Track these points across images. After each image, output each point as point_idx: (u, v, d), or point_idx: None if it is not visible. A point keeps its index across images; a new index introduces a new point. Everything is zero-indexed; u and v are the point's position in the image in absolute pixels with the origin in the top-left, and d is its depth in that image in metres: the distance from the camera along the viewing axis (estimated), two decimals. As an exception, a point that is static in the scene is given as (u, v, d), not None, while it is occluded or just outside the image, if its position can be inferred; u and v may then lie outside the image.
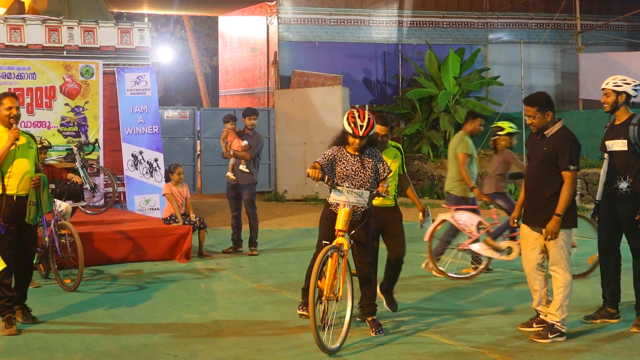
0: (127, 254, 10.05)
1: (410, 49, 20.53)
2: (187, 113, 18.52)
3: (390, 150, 6.94)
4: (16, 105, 6.74)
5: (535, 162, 6.28)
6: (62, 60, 12.96)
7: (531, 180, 6.33)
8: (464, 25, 21.31)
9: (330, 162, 6.24)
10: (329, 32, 20.11)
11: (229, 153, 10.67)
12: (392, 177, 6.72)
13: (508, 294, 8.07)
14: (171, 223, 10.38)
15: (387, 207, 6.82)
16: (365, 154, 6.29)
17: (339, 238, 6.04)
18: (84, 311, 7.43)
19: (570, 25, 20.65)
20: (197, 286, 8.68)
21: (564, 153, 6.09)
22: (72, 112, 12.93)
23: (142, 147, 13.17)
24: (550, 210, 6.10)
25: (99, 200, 12.49)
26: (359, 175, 6.22)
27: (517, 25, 21.64)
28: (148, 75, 13.39)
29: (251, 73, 21.00)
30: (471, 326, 6.73)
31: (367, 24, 20.44)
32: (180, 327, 6.83)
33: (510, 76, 19.97)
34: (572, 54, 20.76)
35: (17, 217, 6.68)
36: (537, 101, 6.21)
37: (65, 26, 13.03)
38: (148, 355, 5.94)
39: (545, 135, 6.22)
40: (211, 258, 10.41)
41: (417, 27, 20.85)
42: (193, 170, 18.13)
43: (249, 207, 10.69)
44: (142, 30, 13.54)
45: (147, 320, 7.11)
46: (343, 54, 20.11)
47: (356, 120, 6.11)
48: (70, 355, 6.02)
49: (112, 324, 6.94)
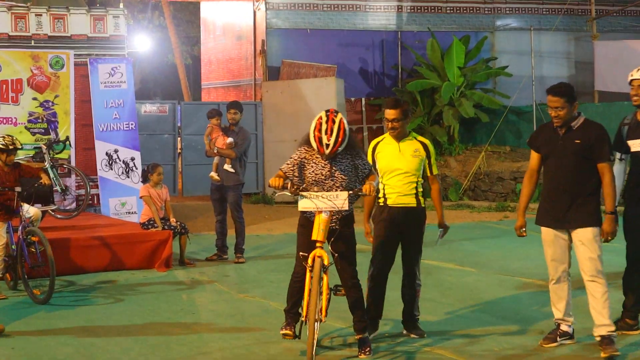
0: (102, 263, 10.06)
1: (410, 37, 20.56)
2: (166, 107, 18.53)
3: (411, 142, 6.63)
4: None
5: (567, 158, 6.11)
6: (30, 51, 12.97)
7: (564, 178, 6.13)
8: (469, 10, 21.36)
9: (297, 167, 6.05)
10: (321, 19, 20.13)
11: (213, 151, 10.68)
12: (413, 172, 6.52)
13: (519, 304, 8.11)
14: (149, 228, 10.39)
15: (407, 207, 6.56)
16: (336, 160, 6.03)
17: (316, 250, 5.81)
18: (55, 325, 7.43)
19: (585, 10, 20.74)
20: (178, 297, 8.69)
21: (601, 144, 6.03)
22: (40, 107, 12.93)
23: (118, 145, 13.20)
24: (590, 206, 6.06)
25: (71, 204, 12.51)
26: (329, 181, 6.00)
27: (526, 11, 21.70)
28: (124, 67, 13.41)
29: (237, 63, 21.01)
30: (482, 342, 6.76)
31: (363, 9, 20.46)
32: (161, 342, 6.82)
33: (520, 66, 20.04)
34: (587, 42, 20.84)
35: None
36: (566, 91, 6.13)
37: (33, 13, 13.04)
38: (125, 373, 5.97)
39: (571, 127, 6.12)
40: (194, 266, 10.41)
41: (418, 12, 20.89)
42: (173, 170, 18.15)
43: (234, 211, 10.71)
44: (117, 18, 13.54)
45: (124, 334, 7.10)
46: (337, 43, 20.14)
47: (322, 136, 5.82)
48: (40, 373, 6.05)
49: (86, 340, 6.94)
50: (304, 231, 6.09)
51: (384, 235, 6.58)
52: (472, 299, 8.29)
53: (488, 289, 8.77)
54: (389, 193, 6.58)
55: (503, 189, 17.40)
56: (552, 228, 6.24)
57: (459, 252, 11.07)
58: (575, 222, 6.08)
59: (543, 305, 7.85)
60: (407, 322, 6.79)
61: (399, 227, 6.56)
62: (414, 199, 6.57)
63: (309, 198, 5.86)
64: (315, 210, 5.86)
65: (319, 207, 5.83)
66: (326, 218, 5.82)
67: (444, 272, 9.70)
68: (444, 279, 9.29)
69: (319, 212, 5.84)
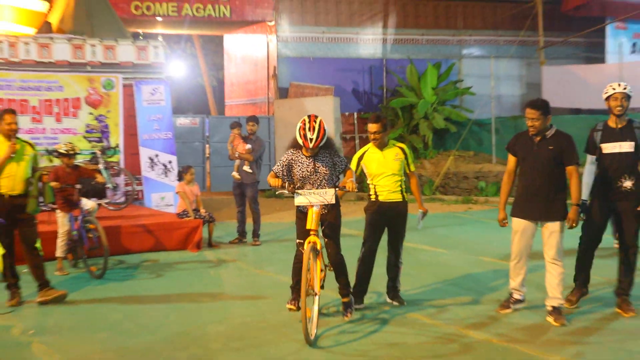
0: (146, 245, 10.07)
1: (393, 63, 20.54)
2: (197, 120, 18.54)
3: (392, 149, 6.58)
4: (15, 121, 7.01)
5: (541, 161, 6.03)
6: (86, 75, 12.95)
7: (539, 178, 6.04)
8: (441, 42, 21.33)
9: (286, 167, 6.03)
10: (322, 49, 20.12)
11: (235, 155, 10.68)
12: (397, 173, 6.48)
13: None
14: (184, 217, 10.39)
15: (394, 201, 6.53)
16: (317, 157, 6.01)
17: (311, 237, 5.77)
18: (108, 295, 7.47)
19: (534, 41, 20.70)
20: (207, 273, 8.71)
21: (570, 150, 5.99)
22: (95, 120, 12.92)
23: (158, 151, 13.18)
24: (558, 203, 6.02)
25: (120, 198, 12.51)
26: (314, 175, 5.98)
27: (487, 42, 21.67)
28: (162, 88, 13.40)
29: (253, 85, 20.99)
30: (450, 310, 6.75)
31: (355, 41, 20.45)
32: (193, 308, 6.85)
33: (481, 87, 20.03)
34: (536, 67, 20.79)
35: (10, 213, 6.94)
36: (542, 106, 6.05)
37: (89, 44, 13.01)
38: (165, 334, 5.98)
39: (545, 136, 6.05)
40: (219, 248, 10.42)
41: (399, 44, 20.86)
42: (203, 171, 18.15)
43: (252, 203, 10.71)
44: (156, 48, 13.52)
45: (163, 302, 7.13)
46: (334, 68, 20.12)
47: (306, 133, 5.82)
48: (96, 333, 6.06)
49: (132, 307, 6.98)
50: (299, 221, 6.07)
51: (375, 224, 6.58)
52: (443, 274, 8.29)
53: (456, 266, 8.77)
54: (380, 191, 6.57)
55: (468, 186, 17.37)
56: (524, 219, 6.15)
57: (432, 237, 11.07)
58: (546, 216, 6.04)
59: (500, 279, 7.85)
60: (391, 292, 6.80)
61: (388, 217, 6.56)
62: (400, 194, 6.57)
63: (304, 195, 5.85)
64: (309, 205, 5.84)
65: (311, 202, 5.81)
66: (317, 210, 5.82)
67: (420, 253, 9.70)
68: (420, 258, 9.30)
69: (311, 206, 5.83)
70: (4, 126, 6.94)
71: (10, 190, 6.97)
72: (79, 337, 5.94)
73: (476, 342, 5.63)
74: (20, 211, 7.04)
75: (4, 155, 6.91)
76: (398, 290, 6.81)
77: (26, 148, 7.14)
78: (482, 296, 7.14)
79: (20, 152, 7.03)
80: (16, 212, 7.01)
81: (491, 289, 7.47)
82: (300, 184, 6.02)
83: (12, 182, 6.97)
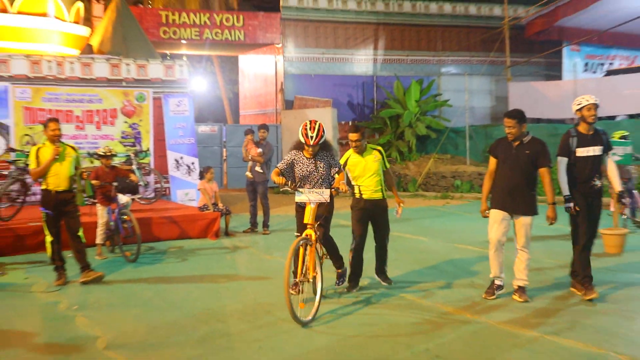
0: (172, 234, 10.08)
1: (382, 80, 20.52)
2: (215, 128, 18.52)
3: (370, 152, 6.50)
4: (59, 128, 7.07)
5: (518, 163, 5.92)
6: (122, 89, 12.96)
7: (517, 178, 5.93)
8: (423, 61, 21.30)
9: (289, 165, 5.93)
10: (322, 67, 20.09)
11: (248, 158, 10.67)
12: (376, 173, 6.44)
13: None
14: (204, 210, 10.39)
15: (376, 199, 6.49)
16: (318, 156, 5.92)
17: (307, 230, 5.67)
18: (140, 276, 7.47)
19: (502, 61, 20.68)
20: (224, 257, 8.70)
21: (544, 155, 5.91)
22: (129, 128, 12.93)
23: (182, 154, 13.18)
24: (531, 200, 5.93)
25: (150, 194, 12.51)
26: (313, 174, 5.90)
27: (462, 62, 21.64)
28: (186, 100, 13.39)
29: (264, 98, 20.97)
30: (435, 292, 6.72)
31: (350, 61, 20.42)
32: (212, 288, 6.85)
33: (457, 100, 20.03)
34: (503, 83, 20.78)
35: (57, 206, 6.99)
36: (517, 115, 5.96)
37: (124, 63, 13.01)
38: (189, 309, 5.97)
39: (522, 142, 5.95)
40: (234, 236, 10.41)
41: (387, 63, 20.83)
42: (220, 171, 18.13)
43: (263, 198, 10.70)
44: (181, 66, 13.52)
45: (187, 282, 7.13)
46: (332, 84, 20.10)
47: (307, 132, 5.74)
48: (129, 309, 6.06)
49: (161, 286, 6.97)
50: (298, 215, 6.01)
51: (360, 219, 6.52)
52: (424, 259, 8.29)
53: (435, 252, 8.77)
54: (363, 191, 6.52)
55: (445, 184, 17.35)
56: (503, 211, 6.02)
57: (415, 226, 11.07)
58: (521, 211, 5.96)
59: (474, 263, 7.85)
60: (379, 274, 6.79)
61: (371, 213, 6.52)
62: (380, 193, 6.54)
63: (304, 193, 5.77)
64: (307, 202, 5.77)
65: (310, 200, 5.73)
66: (314, 207, 5.73)
67: (404, 240, 9.70)
68: (404, 245, 9.29)
69: (309, 202, 5.76)
70: (49, 132, 6.98)
71: (56, 186, 6.99)
72: (115, 312, 5.94)
73: (460, 321, 5.59)
74: (65, 204, 7.04)
75: (49, 157, 6.93)
76: (386, 271, 6.79)
77: (69, 150, 7.14)
78: (458, 279, 7.11)
79: (63, 154, 7.04)
80: (62, 206, 7.03)
81: (467, 272, 7.46)
82: (300, 182, 5.94)
83: (58, 180, 6.99)
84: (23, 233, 8.90)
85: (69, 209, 7.07)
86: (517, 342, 4.96)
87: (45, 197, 7.02)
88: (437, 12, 21.24)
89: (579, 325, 5.34)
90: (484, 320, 5.51)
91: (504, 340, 5.01)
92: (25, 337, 5.28)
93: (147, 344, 5.04)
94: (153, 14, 18.88)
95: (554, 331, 5.17)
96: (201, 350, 4.85)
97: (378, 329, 5.30)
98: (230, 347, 4.92)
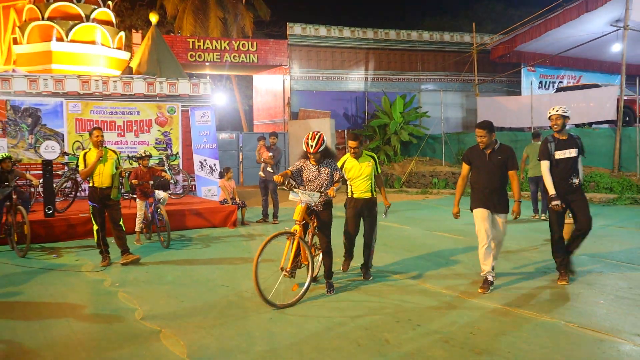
0: (198, 223, 10.04)
1: (372, 95, 20.44)
2: (233, 135, 18.44)
3: (365, 157, 6.22)
4: (101, 134, 7.09)
5: (491, 168, 5.65)
6: (156, 103, 12.93)
7: (495, 182, 5.64)
8: (406, 79, 21.23)
9: (298, 170, 5.71)
10: (322, 84, 20.03)
11: (260, 160, 10.62)
12: (368, 177, 6.21)
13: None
14: (224, 204, 10.35)
15: (366, 198, 6.23)
16: (322, 164, 5.60)
17: (295, 226, 5.38)
18: (171, 259, 7.43)
19: (471, 80, 20.63)
20: (240, 243, 8.66)
21: (513, 159, 5.66)
22: (162, 135, 12.90)
23: (206, 157, 13.13)
24: (505, 199, 5.69)
25: (179, 190, 12.47)
26: (317, 180, 5.65)
27: (438, 80, 21.56)
28: (209, 112, 13.34)
29: (274, 110, 20.94)
30: (425, 277, 6.65)
31: (345, 79, 20.34)
32: (231, 269, 6.81)
33: (434, 112, 19.94)
34: (473, 98, 20.72)
35: (101, 200, 6.99)
36: (487, 126, 5.65)
37: (158, 81, 12.98)
38: (211, 286, 5.94)
39: (494, 149, 5.66)
40: (249, 226, 10.37)
41: (376, 81, 20.77)
42: (237, 171, 18.07)
43: (273, 194, 10.65)
44: (205, 84, 13.47)
45: (210, 264, 7.09)
46: (330, 98, 20.02)
47: (308, 141, 5.46)
48: (163, 285, 6.02)
49: (188, 267, 6.94)
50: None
51: (352, 215, 6.29)
52: (409, 245, 8.24)
53: (418, 239, 8.72)
54: (355, 190, 6.26)
55: (425, 182, 17.29)
56: (485, 208, 5.64)
57: (400, 217, 11.03)
58: (497, 209, 5.67)
59: (450, 247, 7.78)
60: (363, 270, 6.38)
61: (361, 210, 6.26)
62: (370, 193, 6.25)
63: (297, 193, 5.52)
64: (298, 201, 5.56)
65: (301, 200, 5.51)
66: (303, 207, 5.48)
67: (391, 229, 9.64)
68: (391, 233, 9.24)
69: (299, 202, 5.54)
70: (94, 138, 7.02)
71: (100, 184, 6.98)
72: (150, 288, 5.91)
73: (453, 298, 5.52)
74: (108, 198, 7.02)
75: (94, 160, 6.94)
76: (369, 267, 6.38)
77: (110, 154, 7.12)
78: (441, 265, 7.03)
79: (105, 156, 7.06)
80: (105, 200, 7.01)
81: (443, 256, 7.40)
82: (307, 185, 5.72)
83: (101, 178, 6.99)
84: (74, 222, 8.89)
85: (112, 202, 7.06)
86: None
87: (91, 192, 7.02)
88: (417, 39, 21.21)
89: (563, 306, 5.25)
90: (506, 308, 5.41)
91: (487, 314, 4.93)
92: (76, 308, 5.25)
93: (176, 314, 5.00)
94: (182, 41, 18.84)
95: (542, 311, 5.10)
96: (221, 320, 4.82)
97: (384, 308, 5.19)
98: (245, 317, 4.89)
